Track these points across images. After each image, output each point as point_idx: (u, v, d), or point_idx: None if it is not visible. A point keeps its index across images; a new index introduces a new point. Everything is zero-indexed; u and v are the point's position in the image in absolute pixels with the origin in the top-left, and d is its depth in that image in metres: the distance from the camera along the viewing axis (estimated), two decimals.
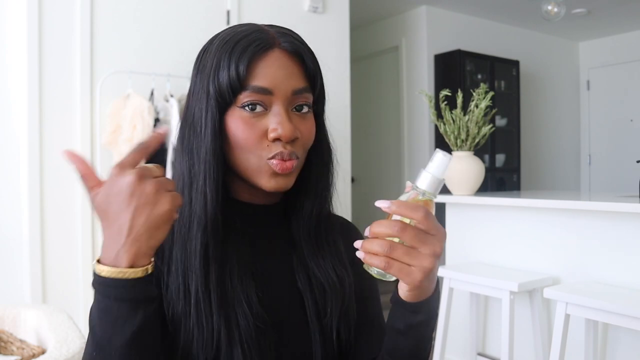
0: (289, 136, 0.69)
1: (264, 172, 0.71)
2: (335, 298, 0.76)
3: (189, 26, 2.91)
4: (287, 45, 0.71)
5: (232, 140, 0.70)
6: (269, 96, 0.70)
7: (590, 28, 5.51)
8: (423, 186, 0.62)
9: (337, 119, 3.44)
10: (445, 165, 0.61)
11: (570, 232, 2.34)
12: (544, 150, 5.78)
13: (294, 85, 0.71)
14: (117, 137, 2.56)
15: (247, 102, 0.69)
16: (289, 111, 0.71)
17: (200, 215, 0.69)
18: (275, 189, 0.72)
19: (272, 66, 0.70)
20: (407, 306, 0.66)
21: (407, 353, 0.70)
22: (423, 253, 0.59)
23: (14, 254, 2.55)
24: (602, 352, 2.18)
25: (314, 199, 0.78)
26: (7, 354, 1.78)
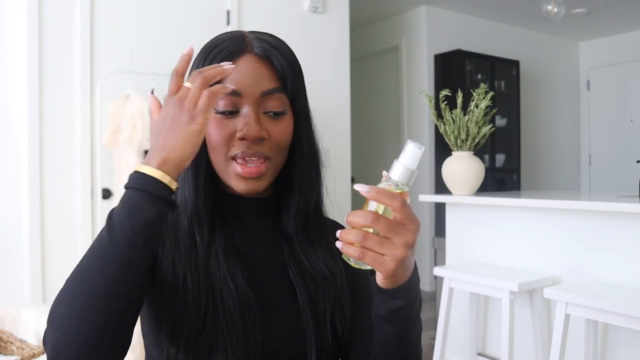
0: (254, 136, 0.73)
1: (231, 174, 0.76)
2: (328, 287, 0.78)
3: (189, 26, 2.91)
4: (258, 50, 0.75)
5: (207, 141, 0.75)
6: (238, 98, 0.74)
7: (590, 28, 5.51)
8: (395, 177, 0.62)
9: (337, 119, 3.44)
10: (417, 156, 0.61)
11: (570, 232, 2.34)
12: (544, 150, 5.78)
13: (263, 86, 0.74)
14: (117, 137, 2.56)
15: (220, 105, 0.74)
16: (259, 113, 0.75)
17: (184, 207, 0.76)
18: (246, 192, 0.76)
19: (240, 70, 0.74)
20: (385, 293, 0.67)
21: (394, 339, 0.72)
22: (396, 243, 0.60)
23: (14, 254, 2.55)
24: (602, 352, 2.18)
25: (298, 197, 0.80)
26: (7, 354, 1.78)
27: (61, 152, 2.60)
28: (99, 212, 2.66)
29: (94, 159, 2.67)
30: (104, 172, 2.66)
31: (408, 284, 0.67)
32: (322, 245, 0.82)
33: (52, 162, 2.58)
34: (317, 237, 0.82)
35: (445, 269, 2.54)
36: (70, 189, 2.63)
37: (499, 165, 5.00)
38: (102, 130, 2.64)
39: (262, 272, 0.78)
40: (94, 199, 2.68)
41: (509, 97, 5.09)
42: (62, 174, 2.60)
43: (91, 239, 2.65)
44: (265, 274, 0.78)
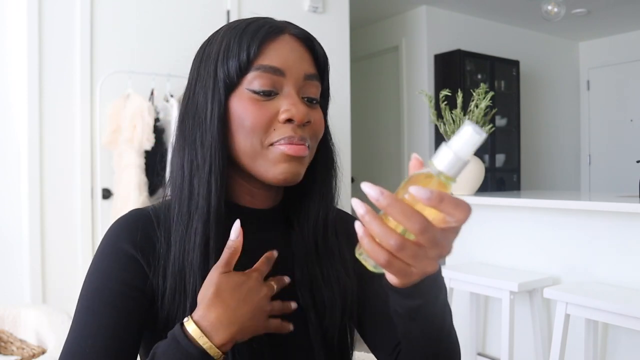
0: (303, 118, 0.66)
1: (270, 160, 0.67)
2: (340, 312, 0.72)
3: (188, 26, 2.91)
4: (297, 32, 0.71)
5: (237, 125, 0.66)
6: (280, 77, 0.67)
7: (590, 28, 5.51)
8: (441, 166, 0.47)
9: (337, 119, 3.44)
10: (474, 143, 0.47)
11: (570, 232, 2.33)
12: (544, 150, 5.78)
13: (306, 69, 0.69)
14: (117, 137, 2.56)
15: (258, 85, 0.66)
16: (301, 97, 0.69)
17: (202, 206, 0.66)
18: (285, 176, 0.67)
19: (283, 48, 0.68)
20: (400, 292, 0.58)
21: (420, 334, 0.64)
22: (429, 256, 0.49)
23: (14, 254, 2.55)
24: (602, 352, 2.18)
25: (319, 202, 0.73)
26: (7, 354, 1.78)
27: (61, 152, 2.60)
28: (99, 212, 2.66)
29: (94, 159, 2.67)
30: (104, 172, 2.66)
31: (427, 281, 0.56)
32: (336, 257, 0.74)
33: (52, 162, 2.58)
34: (333, 245, 0.75)
35: (445, 269, 2.54)
36: (70, 189, 2.63)
37: (499, 165, 5.00)
38: (102, 130, 2.64)
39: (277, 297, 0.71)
40: (94, 199, 2.68)
41: (509, 97, 5.09)
42: (62, 174, 2.60)
43: (91, 238, 2.65)
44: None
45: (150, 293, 0.68)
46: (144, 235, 0.69)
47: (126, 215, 0.73)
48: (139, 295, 0.67)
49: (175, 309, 0.67)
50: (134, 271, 0.67)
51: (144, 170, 2.53)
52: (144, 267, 0.68)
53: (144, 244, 0.69)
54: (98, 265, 0.69)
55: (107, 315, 0.65)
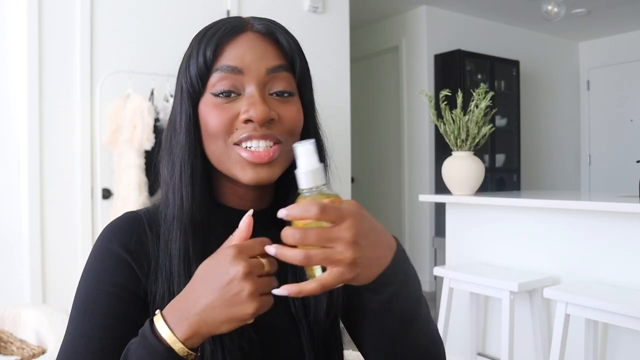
0: (262, 117, 0.64)
1: (236, 162, 0.66)
2: (327, 313, 0.73)
3: (188, 26, 2.88)
4: (261, 27, 0.68)
5: (204, 130, 0.67)
6: (239, 76, 0.66)
7: (590, 28, 5.51)
8: (305, 185, 0.56)
9: (337, 119, 3.44)
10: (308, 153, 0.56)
11: (570, 232, 2.34)
12: (544, 150, 5.78)
13: (268, 63, 0.66)
14: (117, 137, 2.56)
15: (218, 87, 0.66)
16: (265, 94, 0.67)
17: (178, 215, 0.66)
18: (256, 182, 0.66)
19: (241, 46, 0.66)
20: (368, 288, 0.60)
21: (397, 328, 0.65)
22: (338, 250, 0.52)
23: (14, 254, 2.55)
24: (602, 352, 2.18)
25: None
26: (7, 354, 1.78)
27: (61, 152, 2.60)
28: (99, 212, 2.66)
29: (94, 159, 2.67)
30: (104, 172, 2.66)
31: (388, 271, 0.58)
32: None
33: (52, 162, 2.58)
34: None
35: (445, 269, 2.54)
36: (70, 189, 2.63)
37: (499, 165, 5.00)
38: (102, 130, 2.64)
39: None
40: (94, 199, 2.68)
41: (509, 97, 5.09)
42: (62, 174, 2.60)
43: (91, 239, 2.65)
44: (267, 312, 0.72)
45: (143, 295, 0.68)
46: (136, 238, 0.70)
47: (118, 218, 0.73)
48: (132, 297, 0.68)
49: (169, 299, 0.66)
50: (126, 274, 0.68)
51: (144, 170, 2.53)
52: (135, 270, 0.68)
53: (136, 247, 0.69)
54: (91, 268, 0.69)
55: (100, 316, 0.65)
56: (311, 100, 0.73)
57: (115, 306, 0.66)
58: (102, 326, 0.65)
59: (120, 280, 0.67)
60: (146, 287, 0.68)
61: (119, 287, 0.67)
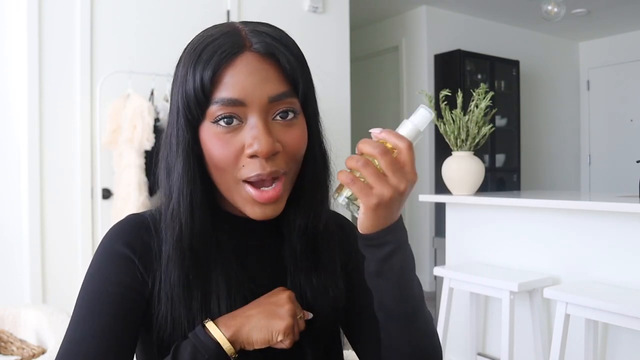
0: (267, 152, 0.62)
1: (245, 199, 0.66)
2: (328, 322, 0.73)
3: (188, 26, 2.89)
4: (259, 46, 0.63)
5: (209, 159, 0.65)
6: (241, 107, 0.63)
7: (590, 28, 5.51)
8: (403, 132, 0.63)
9: (337, 119, 3.44)
10: (426, 119, 0.64)
11: (570, 232, 2.33)
12: (544, 150, 5.78)
13: (270, 91, 0.63)
14: (117, 137, 2.56)
15: (219, 116, 0.63)
16: (269, 121, 0.64)
17: (177, 243, 0.66)
18: (263, 218, 0.66)
19: (240, 73, 0.62)
20: (370, 239, 0.64)
21: (392, 296, 0.66)
22: (389, 182, 0.59)
23: (14, 254, 2.55)
24: (602, 352, 2.18)
25: (308, 214, 0.71)
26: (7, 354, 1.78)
27: (61, 152, 2.60)
28: (99, 212, 2.66)
29: (94, 159, 2.67)
30: (104, 172, 2.66)
31: (393, 227, 0.64)
32: (326, 265, 0.74)
33: (52, 162, 2.58)
34: (323, 254, 0.74)
35: (445, 269, 2.54)
36: (70, 189, 2.63)
37: (499, 165, 5.00)
38: (102, 130, 2.64)
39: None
40: (94, 199, 2.68)
41: (509, 97, 5.09)
42: (62, 174, 2.60)
43: (91, 238, 2.65)
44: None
45: (148, 296, 0.68)
46: (141, 241, 0.70)
47: (124, 220, 0.73)
48: (136, 297, 0.68)
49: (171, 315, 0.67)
50: (131, 274, 0.68)
51: (144, 170, 2.53)
52: (141, 271, 0.68)
53: (141, 249, 0.69)
54: (95, 268, 0.69)
55: (104, 316, 0.65)
56: (315, 111, 0.71)
57: (119, 306, 0.66)
58: (105, 326, 0.65)
59: (125, 280, 0.67)
60: (152, 292, 0.68)
61: (124, 287, 0.67)
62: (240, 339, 0.64)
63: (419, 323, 0.70)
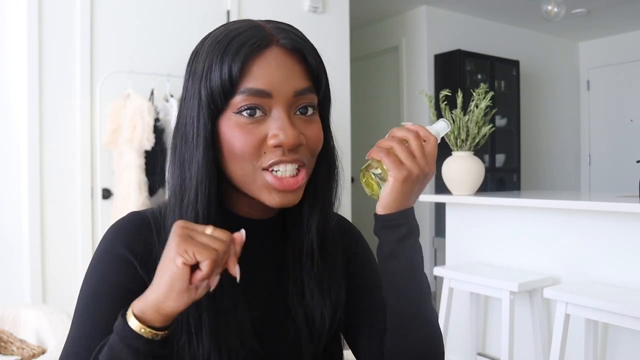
0: (292, 143, 0.63)
1: (263, 186, 0.65)
2: (330, 323, 0.73)
3: (189, 26, 2.91)
4: (287, 42, 0.65)
5: (227, 150, 0.65)
6: (267, 99, 0.63)
7: (590, 28, 5.51)
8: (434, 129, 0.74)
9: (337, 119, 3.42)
10: (445, 130, 0.74)
11: (570, 232, 2.33)
12: (544, 150, 5.78)
13: (296, 85, 0.65)
14: (117, 137, 2.56)
15: (244, 107, 0.63)
16: (292, 115, 0.65)
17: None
18: (282, 206, 0.67)
19: (269, 66, 0.63)
20: (387, 220, 0.69)
21: (403, 279, 0.70)
22: (417, 162, 0.67)
23: (14, 254, 2.55)
24: (602, 352, 2.18)
25: (319, 215, 0.72)
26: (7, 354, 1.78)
27: (61, 152, 2.60)
28: (99, 212, 2.66)
29: (94, 159, 2.67)
30: (104, 172, 2.66)
31: (408, 212, 0.70)
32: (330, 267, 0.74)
33: (52, 162, 2.58)
34: (328, 256, 0.74)
35: (445, 269, 2.54)
36: (70, 189, 2.63)
37: (499, 165, 5.00)
38: (102, 130, 2.64)
39: (268, 316, 0.72)
40: (94, 199, 2.68)
41: (509, 97, 5.09)
42: (62, 174, 2.60)
43: (91, 238, 2.65)
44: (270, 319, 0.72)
45: None
46: (141, 241, 0.69)
47: (124, 218, 0.72)
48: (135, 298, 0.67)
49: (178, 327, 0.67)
50: (130, 275, 0.67)
51: (144, 170, 2.53)
52: (140, 273, 0.68)
53: (141, 249, 0.68)
54: (95, 269, 0.69)
55: (103, 316, 0.65)
56: (328, 111, 0.74)
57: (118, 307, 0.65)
58: (104, 327, 0.64)
59: (124, 281, 0.67)
60: None
61: (123, 289, 0.67)
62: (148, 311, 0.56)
63: (427, 311, 0.73)
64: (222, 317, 0.66)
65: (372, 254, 0.85)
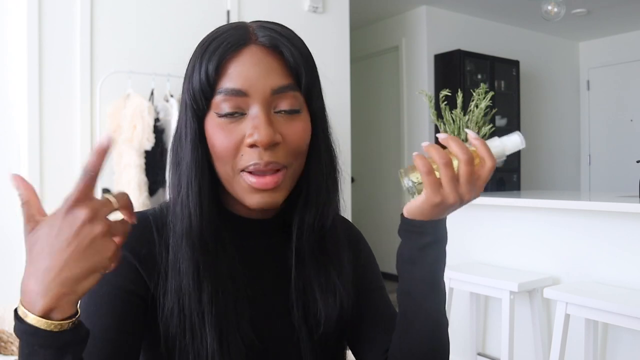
0: (267, 142, 0.62)
1: (243, 187, 0.66)
2: (333, 323, 0.73)
3: (189, 26, 2.91)
4: (265, 39, 0.65)
5: (212, 150, 0.66)
6: (244, 98, 0.63)
7: (590, 28, 5.51)
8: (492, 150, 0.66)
9: (337, 119, 3.44)
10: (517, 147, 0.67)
11: (570, 232, 2.34)
12: (544, 150, 5.77)
13: (273, 83, 0.64)
14: (117, 137, 2.56)
15: (223, 107, 0.64)
16: (270, 113, 0.64)
17: (187, 232, 0.66)
18: (261, 207, 0.66)
19: (244, 64, 0.64)
20: (412, 224, 0.66)
21: (423, 287, 0.68)
22: (459, 190, 0.62)
23: (14, 254, 2.55)
24: (602, 352, 2.18)
25: (314, 213, 0.70)
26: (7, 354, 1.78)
27: (61, 152, 2.60)
28: None
29: None
30: (104, 172, 2.65)
31: (439, 222, 0.66)
32: (335, 266, 0.74)
33: (52, 162, 2.57)
34: (330, 255, 0.73)
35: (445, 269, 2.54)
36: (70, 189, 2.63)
37: (499, 165, 4.99)
38: (102, 130, 2.64)
39: (267, 312, 0.72)
40: None
41: (509, 97, 5.09)
42: (62, 174, 2.60)
43: None
44: (270, 317, 0.72)
45: (150, 300, 0.68)
46: (143, 241, 0.69)
47: None
48: (136, 300, 0.67)
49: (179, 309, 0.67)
50: (130, 277, 0.67)
51: (144, 170, 2.53)
52: (142, 275, 0.68)
53: (143, 251, 0.69)
54: None
55: (101, 317, 0.65)
56: (321, 108, 0.71)
57: (118, 309, 0.66)
58: (101, 328, 0.64)
59: (123, 282, 0.67)
60: (155, 293, 0.68)
61: (123, 290, 0.67)
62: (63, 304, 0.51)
63: (441, 320, 0.71)
64: (223, 315, 0.66)
65: (373, 255, 0.85)
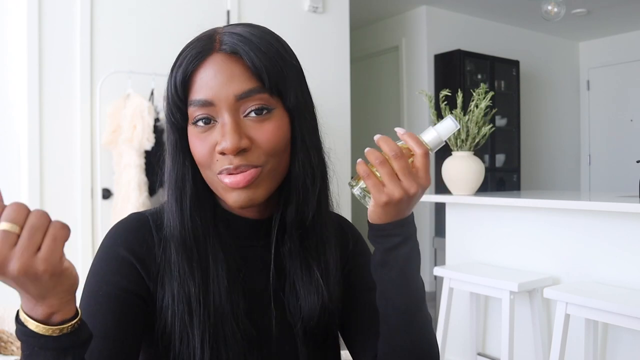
0: (232, 149, 0.64)
1: (222, 188, 0.68)
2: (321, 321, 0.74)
3: (188, 26, 2.88)
4: (226, 46, 0.65)
5: (194, 158, 0.69)
6: (212, 107, 0.65)
7: (590, 28, 5.51)
8: (426, 138, 0.66)
9: (337, 119, 3.44)
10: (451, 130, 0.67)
11: (570, 232, 2.34)
12: (544, 150, 5.78)
13: (235, 89, 0.64)
14: (117, 137, 2.56)
15: (196, 118, 0.66)
16: (239, 119, 0.65)
17: (174, 237, 0.69)
18: (239, 205, 0.67)
19: (208, 74, 0.65)
20: (377, 229, 0.67)
21: (394, 287, 0.68)
22: (401, 185, 0.63)
23: None
24: (602, 352, 2.18)
25: (295, 210, 0.71)
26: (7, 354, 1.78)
27: (61, 152, 2.60)
28: (99, 212, 2.66)
29: (94, 159, 2.67)
30: (104, 172, 2.66)
31: (403, 222, 0.67)
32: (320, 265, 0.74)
33: (52, 162, 2.58)
34: (315, 252, 0.74)
35: (445, 269, 2.54)
36: (70, 189, 2.63)
37: (499, 165, 5.00)
38: (102, 130, 2.64)
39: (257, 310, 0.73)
40: (94, 199, 2.68)
41: (509, 97, 5.09)
42: (62, 173, 2.60)
43: (91, 238, 2.65)
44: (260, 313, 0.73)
45: (150, 299, 0.69)
46: (142, 242, 0.70)
47: (125, 219, 0.74)
48: (136, 300, 0.68)
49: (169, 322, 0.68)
50: (130, 276, 0.68)
51: (144, 170, 2.53)
52: (142, 274, 0.69)
53: (142, 251, 0.70)
54: (96, 270, 0.70)
55: (101, 316, 0.65)
56: (299, 104, 0.69)
57: (117, 308, 0.66)
58: (102, 327, 0.65)
59: (123, 282, 0.68)
60: (154, 293, 0.69)
61: (123, 290, 0.67)
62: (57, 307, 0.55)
63: (418, 319, 0.71)
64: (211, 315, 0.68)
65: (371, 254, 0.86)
